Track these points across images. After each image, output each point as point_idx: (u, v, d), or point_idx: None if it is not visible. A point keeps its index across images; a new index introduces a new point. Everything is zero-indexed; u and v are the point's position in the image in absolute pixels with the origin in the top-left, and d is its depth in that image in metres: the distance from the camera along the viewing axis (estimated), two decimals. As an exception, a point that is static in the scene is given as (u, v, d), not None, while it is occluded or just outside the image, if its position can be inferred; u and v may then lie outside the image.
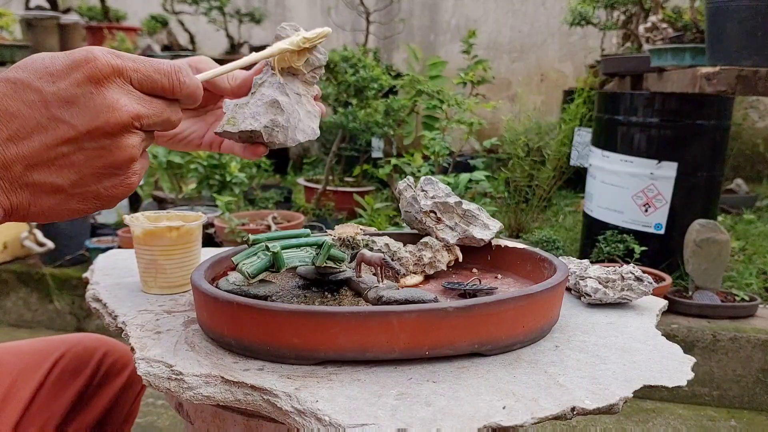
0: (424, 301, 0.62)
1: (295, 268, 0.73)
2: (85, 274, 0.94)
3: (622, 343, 0.66)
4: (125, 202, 3.17)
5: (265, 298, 0.65)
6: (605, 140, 2.36)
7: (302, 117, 0.70)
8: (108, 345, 0.93)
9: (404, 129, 3.12)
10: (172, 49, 4.13)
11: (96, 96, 0.44)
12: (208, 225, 2.50)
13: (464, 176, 2.66)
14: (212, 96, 0.74)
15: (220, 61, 0.71)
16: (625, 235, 2.24)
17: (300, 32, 0.68)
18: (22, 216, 0.46)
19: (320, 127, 0.73)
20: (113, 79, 0.45)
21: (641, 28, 2.38)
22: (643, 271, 0.81)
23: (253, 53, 0.64)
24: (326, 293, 0.72)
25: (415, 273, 0.82)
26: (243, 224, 2.46)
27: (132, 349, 0.63)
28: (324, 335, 0.57)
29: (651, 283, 0.78)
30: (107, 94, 0.44)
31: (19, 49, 3.09)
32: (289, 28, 0.70)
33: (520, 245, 0.83)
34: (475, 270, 0.85)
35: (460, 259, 0.83)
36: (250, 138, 0.69)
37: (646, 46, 2.36)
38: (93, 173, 0.46)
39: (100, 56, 0.44)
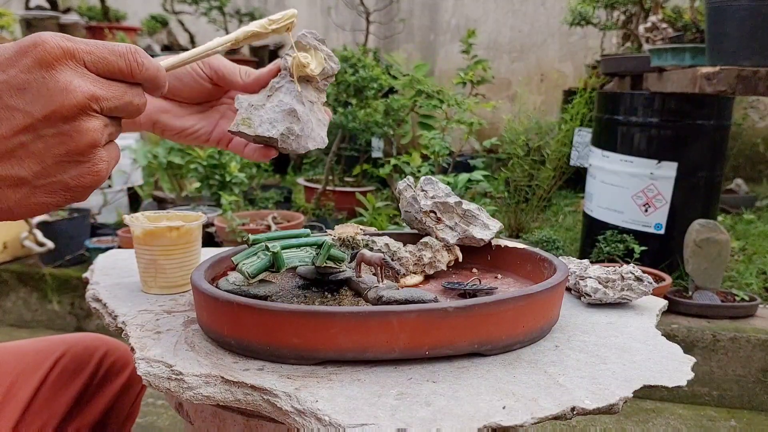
0: (424, 301, 0.62)
1: (295, 268, 0.73)
2: (85, 274, 0.94)
3: (622, 343, 0.66)
4: (125, 201, 3.17)
5: (265, 298, 0.65)
6: (605, 140, 2.36)
7: (314, 126, 0.72)
8: (108, 345, 0.93)
9: (402, 129, 3.12)
10: (172, 49, 4.13)
11: (48, 80, 0.43)
12: (208, 225, 2.50)
13: (464, 176, 2.66)
14: (219, 90, 0.74)
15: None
16: (625, 235, 2.24)
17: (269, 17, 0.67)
18: None
19: None
20: (65, 62, 0.43)
21: (641, 28, 2.38)
22: (643, 271, 0.81)
23: (217, 38, 0.62)
24: (326, 293, 0.72)
25: (415, 273, 0.82)
26: (243, 224, 2.46)
27: (132, 349, 0.63)
28: (324, 335, 0.57)
29: (651, 283, 0.78)
30: (59, 77, 0.43)
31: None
32: (310, 36, 0.71)
33: (520, 245, 0.83)
34: (475, 270, 0.85)
35: (460, 259, 0.83)
36: (264, 142, 0.70)
37: (646, 46, 2.36)
38: (56, 162, 0.44)
39: (48, 39, 0.43)
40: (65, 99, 0.43)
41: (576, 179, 3.30)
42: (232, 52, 4.51)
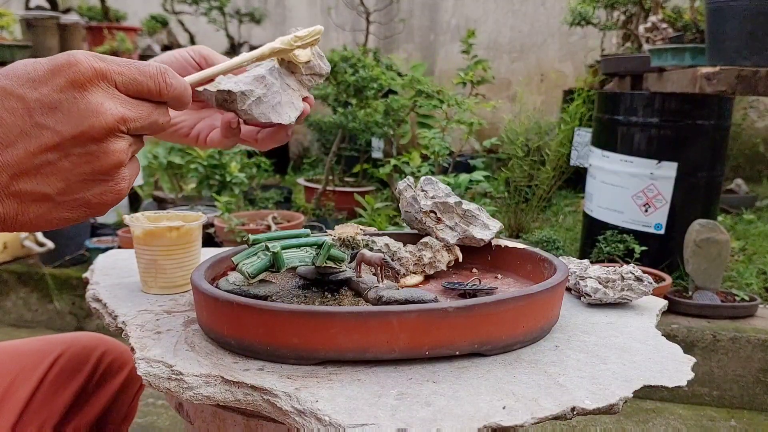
0: (424, 301, 0.62)
1: (295, 268, 0.73)
2: (85, 274, 0.94)
3: (622, 343, 0.66)
4: (125, 202, 3.17)
5: (265, 298, 0.65)
6: (605, 140, 2.36)
7: (283, 102, 0.70)
8: (106, 344, 0.93)
9: (401, 129, 3.13)
10: (172, 49, 4.13)
11: (79, 101, 0.43)
12: (208, 225, 2.50)
13: (464, 176, 2.66)
14: (206, 82, 0.74)
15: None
16: (625, 235, 2.24)
17: (293, 32, 0.67)
18: (10, 226, 0.45)
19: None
20: (97, 83, 0.44)
21: (641, 28, 2.38)
22: (643, 271, 0.81)
23: (243, 54, 0.63)
24: (326, 293, 0.72)
25: (415, 273, 0.81)
26: (243, 224, 2.46)
27: (132, 349, 0.63)
28: (324, 335, 0.57)
29: (651, 283, 0.78)
30: (91, 98, 0.43)
31: (19, 49, 3.09)
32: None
33: (520, 245, 0.83)
34: (475, 270, 0.85)
35: (460, 259, 0.83)
36: (225, 102, 0.68)
37: (646, 46, 2.36)
38: (80, 180, 0.45)
39: (82, 60, 0.43)
40: (95, 121, 0.43)
41: (576, 179, 3.30)
42: (232, 52, 4.51)
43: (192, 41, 4.32)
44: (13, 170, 0.42)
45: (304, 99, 0.72)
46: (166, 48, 4.10)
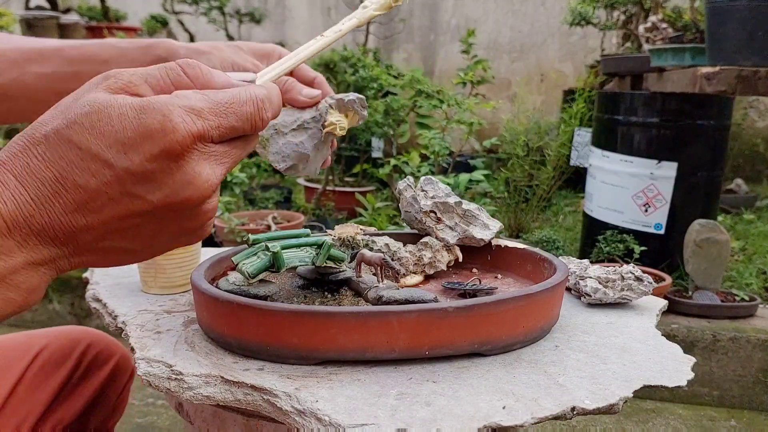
0: (424, 301, 0.62)
1: (295, 268, 0.73)
2: (85, 274, 0.94)
3: (622, 343, 0.66)
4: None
5: (265, 298, 0.65)
6: (605, 140, 2.36)
7: (316, 162, 0.77)
8: (91, 336, 0.91)
9: (400, 128, 3.13)
10: (172, 49, 4.12)
11: (175, 171, 0.39)
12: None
13: (464, 176, 2.66)
14: None
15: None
16: (625, 235, 2.24)
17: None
18: (85, 268, 0.43)
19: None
20: (193, 148, 0.39)
21: (641, 28, 2.38)
22: (643, 271, 0.81)
23: (323, 36, 0.57)
24: (326, 293, 0.72)
25: (415, 273, 0.81)
26: (243, 224, 2.46)
27: (132, 349, 0.63)
28: (324, 335, 0.57)
29: (651, 283, 0.78)
30: (187, 167, 0.39)
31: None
32: (358, 102, 0.74)
33: (520, 245, 0.83)
34: (475, 270, 0.85)
35: (460, 259, 0.83)
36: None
37: (646, 46, 2.36)
38: (168, 236, 0.43)
39: (179, 125, 0.38)
40: (192, 192, 0.40)
41: (576, 179, 3.30)
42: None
43: (192, 41, 4.32)
44: (98, 232, 0.40)
45: (332, 144, 0.78)
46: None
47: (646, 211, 2.23)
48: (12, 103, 0.72)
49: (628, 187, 2.25)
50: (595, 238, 2.32)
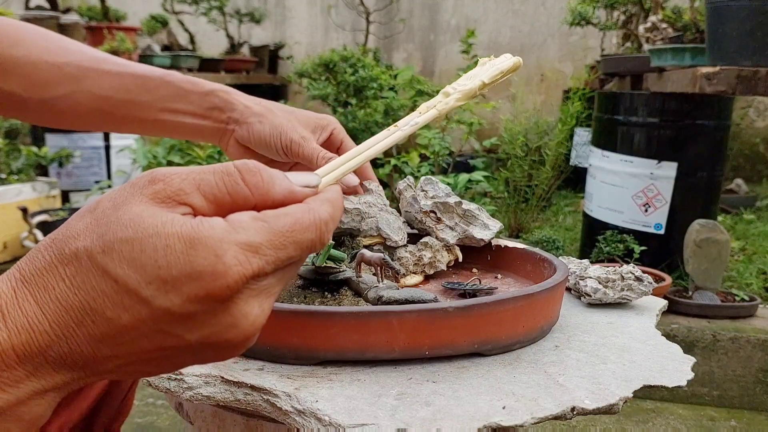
0: (424, 301, 0.62)
1: (295, 268, 0.73)
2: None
3: (622, 343, 0.66)
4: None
5: (265, 298, 0.65)
6: (605, 140, 2.36)
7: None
8: None
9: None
10: (172, 49, 4.13)
11: (219, 313, 0.33)
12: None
13: (464, 176, 2.66)
14: (284, 165, 0.76)
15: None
16: (625, 235, 2.24)
17: (479, 75, 0.57)
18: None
19: None
20: (245, 289, 0.34)
21: (641, 28, 2.38)
22: (643, 271, 0.81)
23: (393, 131, 0.51)
24: (326, 293, 0.72)
25: (415, 273, 0.81)
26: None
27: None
28: (324, 335, 0.57)
29: (651, 283, 0.78)
30: (234, 310, 0.34)
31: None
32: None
33: (520, 245, 0.83)
34: (475, 270, 0.85)
35: (460, 259, 0.83)
36: None
37: (646, 46, 2.36)
38: (198, 362, 0.38)
39: (232, 269, 0.32)
40: (236, 334, 0.35)
41: (576, 179, 3.31)
42: (231, 52, 4.51)
43: (192, 41, 4.32)
44: (123, 361, 0.35)
45: None
46: (165, 48, 4.10)
47: (646, 211, 2.23)
48: (59, 115, 0.72)
49: (628, 187, 2.25)
50: (595, 238, 2.32)
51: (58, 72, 0.70)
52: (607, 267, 0.81)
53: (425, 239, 0.83)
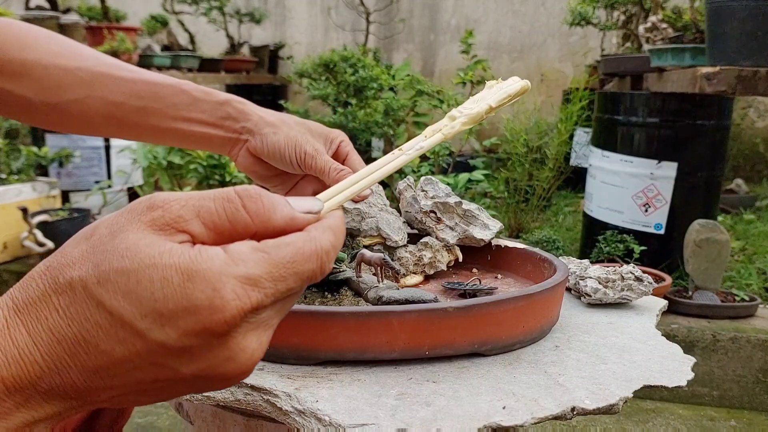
0: (424, 301, 0.62)
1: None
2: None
3: (622, 343, 0.66)
4: (125, 201, 3.18)
5: (265, 298, 0.65)
6: (605, 140, 2.36)
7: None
8: None
9: (399, 128, 3.13)
10: (172, 49, 4.13)
11: (216, 347, 0.33)
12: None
13: (464, 176, 2.66)
14: (294, 177, 0.75)
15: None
16: (625, 235, 2.24)
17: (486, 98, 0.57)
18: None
19: None
20: (243, 322, 0.33)
21: (641, 28, 2.38)
22: (643, 271, 0.81)
23: (394, 156, 0.50)
24: (326, 293, 0.72)
25: (415, 273, 0.81)
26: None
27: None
28: (324, 335, 0.57)
29: (651, 283, 0.78)
30: (231, 344, 0.33)
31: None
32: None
33: (520, 245, 0.83)
34: (475, 270, 0.85)
35: (460, 259, 0.83)
36: None
37: (646, 46, 2.36)
38: (193, 392, 0.37)
39: (230, 303, 0.32)
40: (233, 368, 0.34)
41: (576, 179, 3.31)
42: (231, 52, 4.51)
43: (192, 41, 4.32)
44: (116, 392, 0.34)
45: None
46: (165, 48, 4.10)
47: (646, 211, 2.23)
48: (69, 120, 0.71)
49: (628, 187, 2.25)
50: (595, 238, 2.32)
51: (70, 76, 0.69)
52: (607, 267, 0.81)
53: (425, 239, 0.83)
